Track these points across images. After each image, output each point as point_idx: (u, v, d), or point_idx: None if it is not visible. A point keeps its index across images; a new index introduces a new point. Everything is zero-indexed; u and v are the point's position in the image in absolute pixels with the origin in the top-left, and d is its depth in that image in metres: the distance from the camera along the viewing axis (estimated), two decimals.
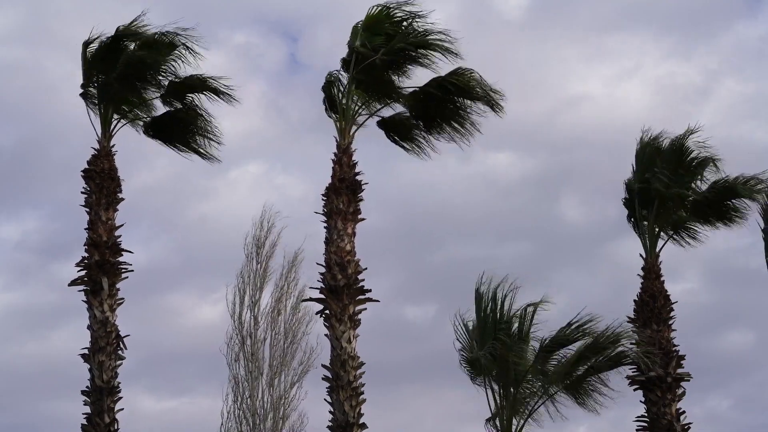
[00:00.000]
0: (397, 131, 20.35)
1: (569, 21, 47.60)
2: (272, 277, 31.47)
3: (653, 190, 20.70)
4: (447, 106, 19.60)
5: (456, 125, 19.81)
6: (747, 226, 21.57)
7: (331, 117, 19.62)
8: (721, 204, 21.14)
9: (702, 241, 21.60)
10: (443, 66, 19.28)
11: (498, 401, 17.94)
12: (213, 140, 20.61)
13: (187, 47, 19.54)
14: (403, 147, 20.46)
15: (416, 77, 19.61)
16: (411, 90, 19.65)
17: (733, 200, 21.09)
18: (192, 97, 20.26)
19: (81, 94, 19.79)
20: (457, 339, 18.37)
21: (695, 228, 21.50)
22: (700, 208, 21.18)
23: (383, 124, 20.28)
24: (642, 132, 21.27)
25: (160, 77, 19.92)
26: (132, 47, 19.65)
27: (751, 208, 21.05)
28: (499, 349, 17.55)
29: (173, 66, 19.81)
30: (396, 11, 19.32)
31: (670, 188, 20.68)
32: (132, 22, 19.44)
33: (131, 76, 19.56)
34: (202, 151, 20.73)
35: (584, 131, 44.79)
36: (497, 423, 17.88)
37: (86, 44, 19.65)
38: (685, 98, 46.27)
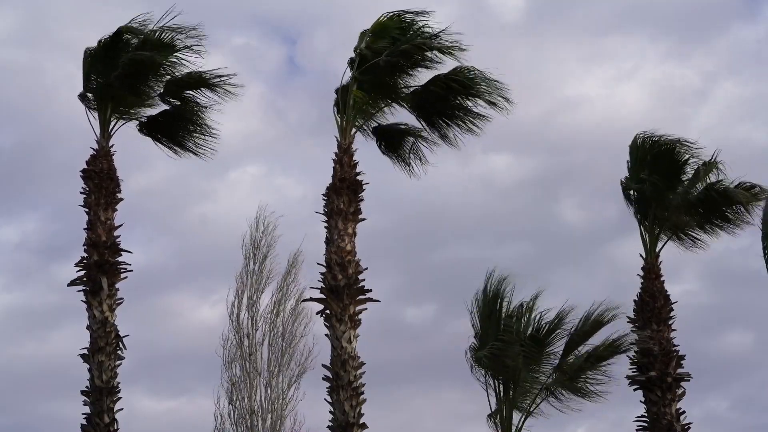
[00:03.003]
0: (389, 141, 20.33)
1: (567, 23, 47.63)
2: (272, 278, 31.62)
3: (648, 193, 20.67)
4: (450, 105, 19.50)
5: (460, 124, 19.69)
6: (745, 228, 21.58)
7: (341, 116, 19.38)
8: (718, 209, 21.05)
9: (703, 247, 21.56)
10: (447, 68, 19.25)
11: (498, 398, 18.08)
12: (207, 138, 20.41)
13: (189, 46, 19.47)
14: (393, 158, 20.47)
15: (420, 80, 19.58)
16: (413, 89, 19.56)
17: (733, 207, 20.98)
18: (190, 95, 20.09)
19: (79, 96, 19.71)
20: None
21: (695, 235, 21.43)
22: (698, 213, 21.10)
23: (378, 132, 20.27)
24: (637, 133, 21.10)
25: (160, 76, 19.81)
26: (133, 45, 19.53)
27: (746, 215, 20.96)
28: (499, 348, 17.65)
29: (174, 65, 19.71)
30: (404, 17, 19.32)
31: (663, 192, 20.63)
32: (132, 21, 19.32)
33: (131, 76, 19.44)
34: (194, 148, 20.53)
35: (582, 133, 44.80)
36: (497, 421, 17.97)
37: (90, 49, 19.60)
38: (683, 100, 46.37)
